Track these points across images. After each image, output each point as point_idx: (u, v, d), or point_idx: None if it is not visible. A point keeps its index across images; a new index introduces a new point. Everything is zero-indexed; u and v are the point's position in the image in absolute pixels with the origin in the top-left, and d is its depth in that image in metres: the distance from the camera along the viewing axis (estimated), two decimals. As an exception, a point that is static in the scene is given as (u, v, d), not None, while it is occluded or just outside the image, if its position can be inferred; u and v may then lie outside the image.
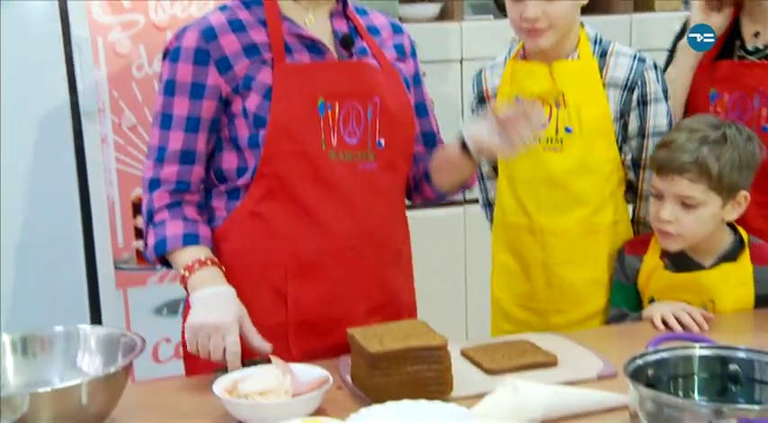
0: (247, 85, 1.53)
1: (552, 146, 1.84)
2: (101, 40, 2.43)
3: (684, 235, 1.73)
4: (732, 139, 1.70)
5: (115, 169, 2.48)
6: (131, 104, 2.48)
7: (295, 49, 1.56)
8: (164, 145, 1.56)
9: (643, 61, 1.85)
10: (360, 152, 1.57)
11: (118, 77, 2.46)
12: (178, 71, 1.54)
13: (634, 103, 1.84)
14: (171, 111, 1.56)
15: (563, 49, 1.84)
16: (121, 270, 2.50)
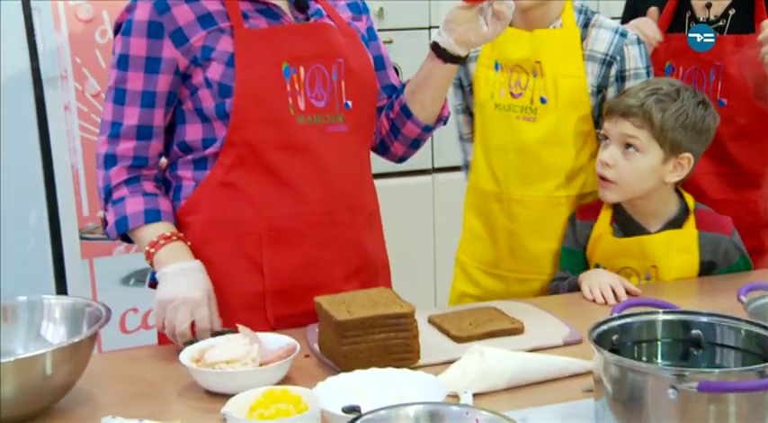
0: (206, 55, 1.51)
1: (526, 115, 1.84)
2: (62, 4, 2.38)
3: (621, 184, 1.74)
4: (684, 98, 1.72)
5: (79, 137, 2.44)
6: (95, 71, 2.44)
7: (251, 16, 1.54)
8: (118, 120, 1.54)
9: (624, 36, 1.84)
10: (328, 114, 1.56)
11: (80, 43, 2.41)
12: (131, 45, 1.52)
13: (612, 79, 1.84)
14: (125, 85, 1.53)
15: (547, 16, 1.83)
16: (87, 240, 2.47)
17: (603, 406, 1.13)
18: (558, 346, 1.47)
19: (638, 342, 1.24)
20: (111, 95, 1.55)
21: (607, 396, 1.12)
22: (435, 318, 1.58)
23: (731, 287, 1.50)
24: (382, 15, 2.97)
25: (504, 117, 1.87)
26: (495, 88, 1.87)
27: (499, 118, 1.87)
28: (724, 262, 1.78)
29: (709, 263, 1.78)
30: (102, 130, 1.57)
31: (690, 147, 1.73)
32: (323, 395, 1.19)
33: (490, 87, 1.88)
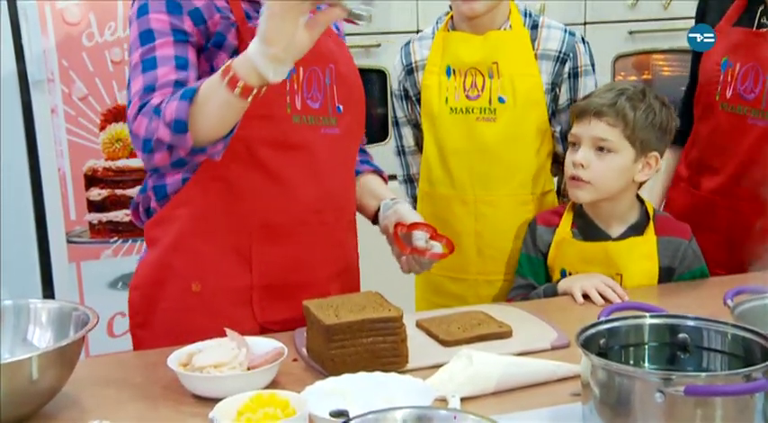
0: (218, 42, 1.49)
1: (486, 116, 1.86)
2: (48, 7, 2.37)
3: (595, 183, 1.73)
4: (649, 98, 1.74)
5: (66, 140, 2.43)
6: (82, 74, 2.43)
7: (252, 16, 1.54)
8: (152, 82, 1.42)
9: (573, 35, 1.88)
10: (322, 117, 1.57)
11: (67, 47, 2.40)
12: (152, 21, 1.45)
13: (565, 75, 1.87)
14: (154, 53, 1.44)
15: (495, 20, 1.86)
16: (74, 243, 2.46)
17: (591, 410, 1.13)
18: (545, 349, 1.47)
19: (626, 346, 1.24)
20: (139, 68, 1.45)
21: (594, 400, 1.12)
22: (423, 322, 1.58)
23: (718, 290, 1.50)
24: (370, 19, 2.97)
25: (461, 120, 1.88)
26: (449, 93, 1.88)
27: (456, 122, 1.88)
28: (682, 267, 1.78)
29: (668, 268, 1.78)
30: (132, 99, 1.44)
31: (657, 146, 1.75)
32: (311, 399, 1.19)
33: (443, 93, 1.89)
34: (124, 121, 2.50)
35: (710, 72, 1.84)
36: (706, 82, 1.85)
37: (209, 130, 1.39)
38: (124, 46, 2.45)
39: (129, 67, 1.48)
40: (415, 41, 1.98)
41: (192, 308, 1.55)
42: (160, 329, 1.55)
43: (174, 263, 1.55)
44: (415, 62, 1.96)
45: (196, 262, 1.53)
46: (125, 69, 2.46)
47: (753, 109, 1.77)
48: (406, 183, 2.10)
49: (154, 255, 1.57)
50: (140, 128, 1.41)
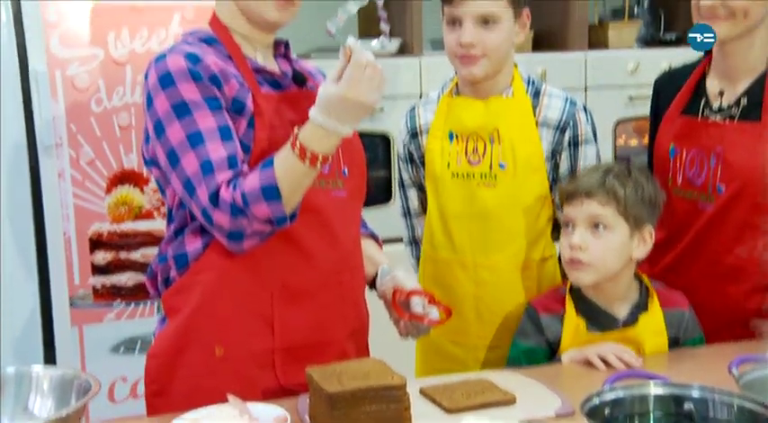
0: (237, 109, 1.51)
1: (486, 181, 1.87)
2: (59, 73, 2.41)
3: (595, 264, 1.72)
4: (636, 174, 1.75)
5: (72, 204, 2.45)
6: (90, 139, 2.46)
7: (261, 83, 1.57)
8: (206, 159, 1.44)
9: (574, 104, 1.90)
10: (331, 180, 1.59)
11: (76, 111, 2.43)
12: (182, 92, 1.46)
13: (565, 144, 1.88)
14: (197, 128, 1.45)
15: (497, 85, 1.88)
16: (77, 307, 2.46)
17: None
18: (549, 418, 1.45)
19: (630, 416, 1.24)
20: (186, 146, 1.45)
21: (600, 471, 1.11)
22: (427, 389, 1.57)
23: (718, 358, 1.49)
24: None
25: (462, 185, 1.89)
26: (451, 158, 1.90)
27: (457, 186, 1.90)
28: (685, 336, 1.77)
29: (674, 339, 1.76)
30: (195, 183, 1.45)
31: (649, 220, 1.75)
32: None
33: (446, 157, 1.91)
34: (130, 184, 2.52)
35: (662, 158, 1.90)
36: (659, 167, 1.91)
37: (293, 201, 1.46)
38: (132, 110, 2.49)
39: (165, 140, 1.46)
40: (420, 106, 2.01)
41: (214, 372, 1.54)
42: (177, 396, 1.54)
43: (196, 329, 1.54)
44: (419, 126, 1.99)
45: (219, 326, 1.52)
46: (132, 133, 2.49)
47: (702, 194, 1.82)
48: (411, 244, 2.11)
49: (174, 323, 1.57)
50: (223, 222, 1.45)
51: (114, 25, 2.46)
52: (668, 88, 1.94)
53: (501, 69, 1.87)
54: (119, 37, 2.47)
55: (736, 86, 1.82)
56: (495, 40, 1.81)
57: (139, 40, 2.49)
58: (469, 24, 1.80)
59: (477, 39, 1.80)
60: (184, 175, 1.46)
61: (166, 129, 1.47)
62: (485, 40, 1.81)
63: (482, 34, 1.80)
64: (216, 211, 1.44)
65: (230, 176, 1.45)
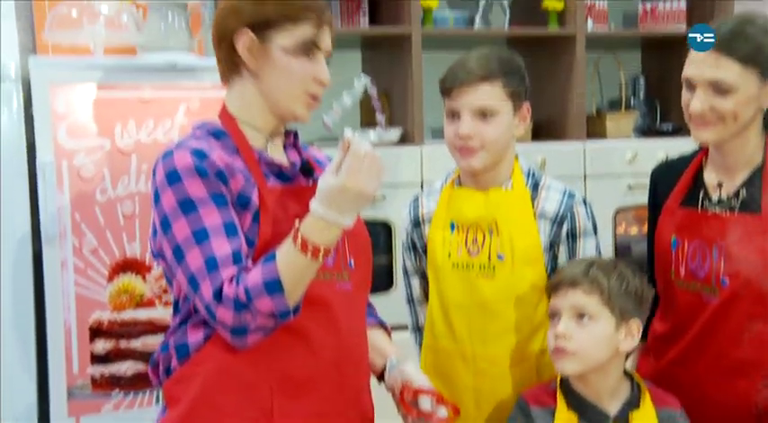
0: (242, 203, 1.52)
1: (485, 272, 1.88)
2: (65, 164, 2.45)
3: (580, 353, 1.70)
4: (621, 267, 1.75)
5: (74, 293, 2.45)
6: (93, 228, 2.48)
7: (268, 176, 1.58)
8: (210, 256, 1.45)
9: (573, 196, 1.91)
10: (336, 272, 1.59)
11: (81, 201, 2.46)
12: (188, 189, 1.47)
13: (563, 236, 1.89)
14: (203, 224, 1.46)
15: (497, 177, 1.90)
16: (75, 398, 2.43)
17: None
18: None
19: None
20: (192, 242, 1.46)
21: None
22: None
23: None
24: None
25: (462, 275, 1.90)
26: (452, 248, 1.91)
27: (458, 277, 1.90)
28: None
29: None
30: (200, 279, 1.45)
31: (636, 313, 1.74)
32: None
33: (447, 247, 1.92)
34: (132, 272, 2.53)
35: (663, 250, 1.88)
36: (661, 259, 1.89)
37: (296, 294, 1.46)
38: (136, 199, 2.52)
39: (171, 236, 1.47)
40: (423, 195, 2.04)
41: None
42: None
43: (195, 419, 1.52)
44: (422, 215, 2.01)
45: (218, 417, 1.50)
46: (136, 221, 2.52)
47: (705, 286, 1.80)
48: (415, 332, 2.10)
49: (175, 413, 1.55)
50: (226, 318, 1.44)
51: (121, 116, 2.51)
52: (666, 179, 1.95)
53: (500, 161, 1.90)
54: (125, 127, 2.52)
55: (735, 178, 1.82)
56: (493, 133, 1.84)
57: (145, 131, 2.54)
58: (468, 117, 1.84)
59: (475, 131, 1.83)
60: (189, 271, 1.47)
61: (173, 225, 1.48)
62: (483, 133, 1.84)
63: (480, 127, 1.84)
64: (219, 308, 1.44)
65: (235, 272, 1.46)
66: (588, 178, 3.32)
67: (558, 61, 3.42)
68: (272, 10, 1.55)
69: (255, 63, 1.56)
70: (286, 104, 1.58)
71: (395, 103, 3.31)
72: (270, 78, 1.57)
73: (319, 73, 1.58)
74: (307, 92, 1.58)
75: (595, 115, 3.56)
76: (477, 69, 1.83)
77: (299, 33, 1.55)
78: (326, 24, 1.59)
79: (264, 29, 1.56)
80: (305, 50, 1.56)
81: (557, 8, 3.34)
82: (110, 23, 2.66)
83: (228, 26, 1.58)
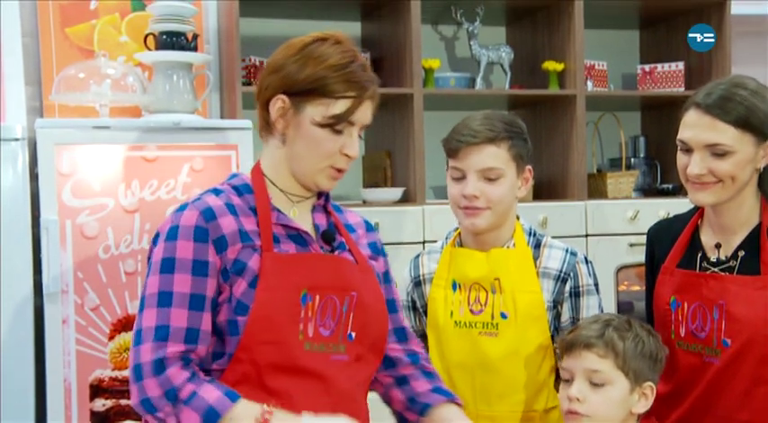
0: (237, 269, 1.52)
1: (488, 331, 1.88)
2: (69, 222, 2.47)
3: (593, 416, 1.69)
4: (635, 328, 1.74)
5: (74, 351, 2.45)
6: (95, 285, 2.49)
7: (282, 241, 1.57)
8: (164, 323, 1.46)
9: (575, 255, 1.94)
10: (332, 344, 1.57)
11: (83, 259, 2.48)
12: (177, 249, 1.49)
13: (566, 294, 1.91)
14: (171, 288, 1.47)
15: (500, 238, 1.93)
16: (73, 457, 2.41)
17: None
18: None
19: None
20: (154, 300, 1.47)
21: None
22: None
23: None
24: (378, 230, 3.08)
25: (465, 334, 1.90)
26: (454, 307, 1.92)
27: (460, 336, 1.91)
28: None
29: None
30: (144, 338, 1.45)
31: (650, 375, 1.73)
32: None
33: (449, 306, 1.93)
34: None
35: (662, 311, 1.88)
36: (660, 319, 1.89)
37: None
38: (138, 257, 2.54)
39: (145, 286, 1.51)
40: (424, 255, 2.05)
41: None
42: None
43: None
44: (423, 275, 2.02)
45: None
46: (138, 279, 2.53)
47: (706, 347, 1.79)
48: None
49: None
50: (152, 392, 1.43)
51: (126, 176, 2.55)
52: (662, 238, 1.96)
53: (504, 222, 1.92)
54: (129, 187, 2.55)
55: (732, 239, 1.83)
56: (499, 193, 1.87)
57: (149, 190, 2.58)
58: (473, 178, 1.86)
59: (481, 191, 1.86)
60: (139, 325, 1.48)
61: (149, 276, 1.50)
62: (488, 193, 1.86)
63: (485, 187, 1.86)
64: (152, 379, 1.43)
65: (181, 350, 1.45)
66: (590, 237, 3.33)
67: (558, 121, 3.47)
68: (311, 82, 1.53)
69: (286, 128, 1.56)
70: (310, 175, 1.58)
71: (397, 162, 3.35)
72: (297, 146, 1.56)
73: (348, 147, 1.56)
74: (332, 165, 1.57)
75: (596, 174, 3.60)
76: (484, 131, 1.85)
77: (335, 109, 1.53)
78: (368, 100, 1.57)
79: (300, 98, 1.54)
80: (337, 125, 1.54)
81: (557, 69, 3.40)
82: (116, 85, 2.73)
83: (267, 86, 1.57)
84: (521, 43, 3.62)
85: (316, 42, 1.56)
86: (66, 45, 3.00)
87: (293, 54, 1.55)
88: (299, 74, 1.53)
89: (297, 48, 1.56)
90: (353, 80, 1.54)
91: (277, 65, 1.56)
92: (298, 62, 1.54)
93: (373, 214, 3.04)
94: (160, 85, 2.80)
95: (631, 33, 3.91)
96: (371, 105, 1.59)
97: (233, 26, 2.99)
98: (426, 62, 3.28)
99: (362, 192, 3.28)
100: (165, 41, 2.80)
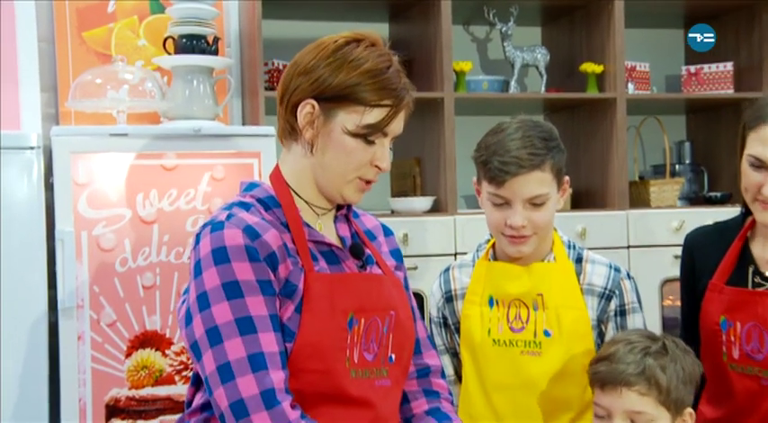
0: (287, 292, 1.47)
1: (530, 350, 1.86)
2: (85, 234, 2.49)
3: None
4: (672, 351, 1.69)
5: (90, 369, 2.46)
6: (112, 300, 2.50)
7: (317, 258, 1.53)
8: (257, 351, 1.39)
9: (619, 271, 1.92)
10: (375, 368, 1.54)
11: (100, 272, 2.49)
12: (236, 271, 1.41)
13: (612, 313, 1.89)
14: (247, 313, 1.40)
15: (539, 251, 1.90)
16: (88, 479, 2.42)
17: None
18: None
19: None
20: (233, 329, 1.39)
21: None
22: None
23: None
24: (407, 242, 3.07)
25: (505, 353, 1.88)
26: (492, 324, 1.90)
27: (500, 355, 1.89)
28: None
29: None
30: (237, 371, 1.38)
31: (689, 400, 1.70)
32: None
33: (486, 324, 1.90)
34: (151, 348, 2.54)
35: (711, 332, 1.83)
36: (709, 341, 1.84)
37: None
38: (157, 270, 2.54)
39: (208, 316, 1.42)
40: (454, 268, 2.03)
41: None
42: None
43: None
44: (454, 290, 2.00)
45: None
46: (156, 294, 2.54)
47: (764, 370, 1.75)
48: None
49: None
50: None
51: (144, 185, 2.56)
52: (704, 248, 1.91)
53: (546, 237, 1.90)
54: (147, 197, 2.56)
55: None
56: (545, 219, 1.85)
57: (167, 200, 2.58)
58: (519, 207, 1.82)
59: (528, 219, 1.83)
60: (223, 359, 1.39)
61: (212, 305, 1.41)
62: (534, 220, 1.83)
63: (531, 214, 1.83)
64: (263, 413, 1.36)
65: (283, 378, 1.40)
66: (632, 248, 3.29)
67: (598, 126, 3.44)
68: (344, 89, 1.48)
69: (314, 136, 1.51)
70: (337, 187, 1.54)
71: (426, 169, 3.34)
72: (324, 156, 1.52)
73: (379, 159, 1.52)
74: (361, 177, 1.53)
75: (638, 182, 3.56)
76: (528, 157, 1.80)
77: (369, 118, 1.49)
78: (404, 109, 1.53)
79: (332, 105, 1.49)
80: (370, 135, 1.50)
81: (595, 71, 3.37)
82: (133, 91, 2.74)
83: (295, 89, 1.51)
84: (557, 44, 3.60)
85: (350, 44, 1.51)
86: (82, 50, 3.02)
87: (326, 56, 1.50)
88: (332, 79, 1.48)
89: (330, 50, 1.51)
90: (390, 88, 1.50)
91: (307, 66, 1.51)
92: (330, 66, 1.49)
93: (402, 225, 3.03)
94: (179, 90, 2.82)
95: (675, 32, 3.87)
96: (405, 114, 1.55)
97: (255, 29, 2.99)
98: (457, 65, 3.26)
99: (390, 201, 3.27)
100: (185, 45, 2.82)
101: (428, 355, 1.72)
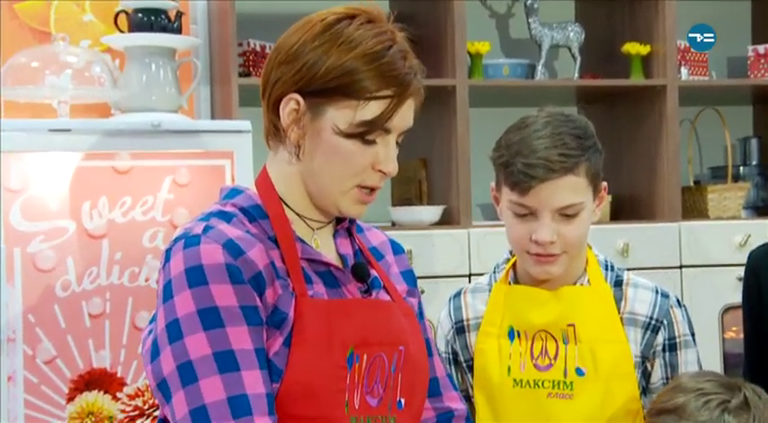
0: (276, 321, 1.46)
1: (560, 391, 1.86)
2: (18, 251, 2.49)
3: None
4: (754, 405, 1.69)
5: (23, 416, 2.46)
6: (51, 332, 2.50)
7: (313, 280, 1.52)
8: (238, 392, 1.38)
9: (667, 297, 1.92)
10: (380, 416, 1.53)
11: (36, 298, 2.49)
12: (214, 295, 1.40)
13: (659, 348, 1.89)
14: (228, 346, 1.39)
15: (570, 272, 1.90)
16: None
17: None
18: None
19: None
20: (211, 366, 1.39)
21: None
22: None
23: None
24: (410, 260, 3.07)
25: (529, 396, 1.88)
26: (512, 361, 1.90)
27: (522, 397, 1.89)
28: None
29: None
30: (214, 416, 1.37)
31: None
32: None
33: (505, 361, 1.90)
34: (99, 390, 2.54)
35: None
36: None
37: None
38: (107, 295, 2.55)
39: (180, 348, 1.40)
40: (467, 293, 2.03)
41: None
42: None
43: None
44: (467, 320, 2.00)
45: None
46: (105, 323, 2.54)
47: None
48: None
49: None
50: None
51: (91, 192, 2.56)
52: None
53: (578, 255, 1.90)
54: (95, 206, 2.56)
55: None
56: (577, 233, 1.84)
57: (120, 210, 2.59)
58: (548, 219, 1.82)
59: (557, 233, 1.83)
60: (199, 401, 1.38)
61: (185, 336, 1.41)
62: (565, 235, 1.83)
63: (562, 228, 1.83)
64: None
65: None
66: (685, 268, 3.30)
67: (643, 120, 3.45)
68: (334, 80, 1.46)
69: (299, 137, 1.49)
70: (331, 198, 1.51)
71: (434, 172, 3.35)
72: (313, 161, 1.49)
73: (382, 161, 1.49)
74: (360, 184, 1.50)
75: (693, 188, 3.57)
76: (559, 159, 1.79)
77: (365, 113, 1.46)
78: (410, 97, 1.50)
79: (319, 99, 1.47)
80: (368, 134, 1.47)
81: (641, 53, 3.39)
82: (78, 76, 2.74)
83: (276, 81, 1.50)
84: (594, 21, 3.62)
85: (342, 21, 1.49)
86: (14, 25, 3.04)
87: (311, 38, 1.48)
88: (318, 67, 1.46)
89: (317, 30, 1.48)
90: (390, 74, 1.47)
91: (290, 52, 1.49)
92: (316, 50, 1.47)
93: (404, 239, 2.98)
94: (135, 76, 2.83)
95: (740, 5, 3.89)
96: (414, 104, 1.53)
97: (227, 2, 3.01)
98: (473, 46, 3.28)
99: (391, 211, 3.28)
100: (141, 21, 2.83)
101: (449, 396, 1.72)
